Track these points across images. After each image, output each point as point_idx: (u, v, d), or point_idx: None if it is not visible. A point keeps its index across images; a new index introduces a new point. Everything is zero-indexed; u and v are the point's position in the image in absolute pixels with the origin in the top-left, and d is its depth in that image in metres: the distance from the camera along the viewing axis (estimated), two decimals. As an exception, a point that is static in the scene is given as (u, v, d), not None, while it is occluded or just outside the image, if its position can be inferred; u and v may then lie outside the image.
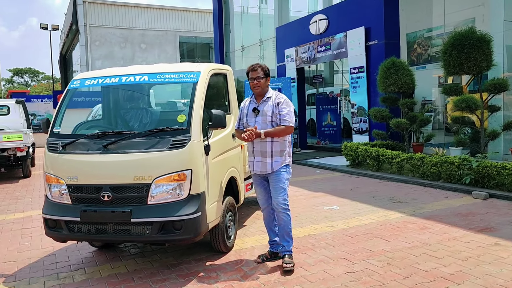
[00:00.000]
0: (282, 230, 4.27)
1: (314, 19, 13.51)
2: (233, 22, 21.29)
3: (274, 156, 4.14)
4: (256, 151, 4.16)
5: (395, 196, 7.26)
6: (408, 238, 4.99)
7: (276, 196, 4.18)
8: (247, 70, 4.25)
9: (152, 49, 32.82)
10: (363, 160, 9.78)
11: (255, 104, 4.22)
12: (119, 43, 31.85)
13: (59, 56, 46.39)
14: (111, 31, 31.62)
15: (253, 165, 4.22)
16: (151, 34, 32.84)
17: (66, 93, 4.59)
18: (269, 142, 4.11)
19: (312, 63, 14.05)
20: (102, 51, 31.37)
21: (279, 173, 4.17)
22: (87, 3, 31.00)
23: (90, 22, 30.94)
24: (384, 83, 9.65)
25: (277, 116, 4.10)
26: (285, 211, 4.20)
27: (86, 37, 30.83)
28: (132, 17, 32.39)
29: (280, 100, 4.16)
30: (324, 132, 14.98)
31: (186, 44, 35.48)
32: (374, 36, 11.29)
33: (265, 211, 4.42)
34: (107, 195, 3.91)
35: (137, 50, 32.43)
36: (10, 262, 4.79)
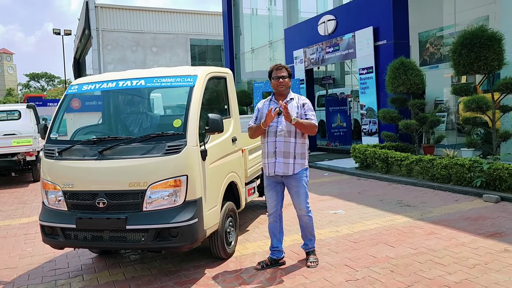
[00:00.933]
0: (305, 230, 4.40)
1: (322, 19, 13.37)
2: (242, 24, 21.25)
3: (296, 158, 4.12)
4: (278, 152, 4.08)
5: (403, 200, 7.09)
6: (413, 244, 4.84)
7: (300, 201, 4.24)
8: (271, 69, 4.22)
9: (163, 52, 32.99)
10: (371, 162, 9.60)
11: (276, 104, 4.13)
12: (131, 46, 32.08)
13: (73, 60, 46.98)
14: (123, 35, 31.87)
15: (274, 167, 4.11)
16: (163, 38, 33.02)
17: (64, 99, 4.56)
18: (293, 143, 4.08)
19: (321, 64, 13.91)
20: (114, 55, 31.63)
21: (301, 177, 4.18)
22: (99, 8, 31.31)
23: (102, 27, 31.24)
24: (393, 84, 9.47)
25: (302, 116, 4.09)
26: (307, 214, 4.31)
27: (98, 41, 31.12)
28: (144, 21, 32.61)
29: (305, 102, 4.20)
30: (333, 134, 14.80)
31: (198, 47, 35.61)
32: (383, 36, 11.11)
33: (272, 215, 4.35)
34: (102, 201, 3.86)
35: (149, 53, 32.62)
36: (10, 269, 4.78)
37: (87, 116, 5.16)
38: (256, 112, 4.32)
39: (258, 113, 4.28)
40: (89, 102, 5.58)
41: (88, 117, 5.13)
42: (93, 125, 4.79)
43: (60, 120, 4.49)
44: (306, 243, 4.47)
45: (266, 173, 4.23)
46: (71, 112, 13.84)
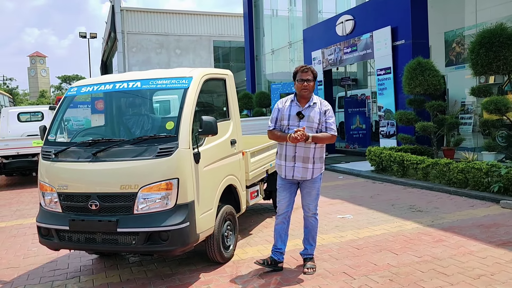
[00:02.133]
0: (308, 234, 4.32)
1: (340, 19, 13.16)
2: (263, 25, 21.19)
3: (315, 163, 4.07)
4: (298, 157, 4.02)
5: (416, 205, 6.85)
6: (418, 252, 4.64)
7: (311, 202, 4.23)
8: (296, 70, 4.11)
9: (187, 54, 33.32)
10: (387, 166, 9.35)
11: (299, 107, 4.06)
12: (155, 49, 32.53)
13: (101, 63, 48.07)
14: (147, 38, 32.36)
15: (293, 171, 4.06)
16: (186, 40, 33.35)
17: (63, 101, 4.60)
18: (312, 149, 4.03)
19: (339, 65, 13.69)
20: (138, 57, 32.15)
21: (317, 180, 4.17)
22: (125, 11, 31.90)
23: (128, 29, 31.81)
24: (409, 85, 9.19)
25: (323, 124, 4.03)
26: (315, 216, 4.28)
27: (123, 44, 31.71)
28: (167, 23, 33.02)
29: (327, 108, 4.11)
30: (352, 136, 14.54)
31: (221, 49, 35.82)
32: (401, 36, 10.81)
33: (281, 216, 4.25)
34: (95, 204, 3.86)
35: (172, 55, 33.00)
36: (13, 268, 4.85)
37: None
38: (275, 112, 4.17)
39: (278, 114, 4.14)
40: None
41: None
42: (93, 127, 4.81)
43: (59, 121, 4.52)
44: (306, 247, 4.36)
45: (282, 175, 4.16)
46: (96, 113, 14.03)
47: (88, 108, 28.38)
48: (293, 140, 3.86)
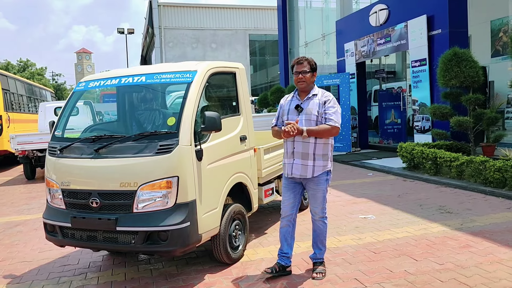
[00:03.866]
0: (317, 237, 4.07)
1: (374, 9, 12.61)
2: (297, 17, 20.79)
3: (317, 160, 3.79)
4: (296, 153, 3.79)
5: (446, 205, 6.40)
6: (441, 258, 4.28)
7: (316, 205, 3.94)
8: (292, 64, 3.95)
9: (222, 48, 33.37)
10: (419, 163, 8.86)
11: (298, 101, 3.86)
12: (191, 43, 32.78)
13: (140, 58, 49.11)
14: (183, 32, 32.65)
15: (291, 168, 3.84)
16: (222, 34, 33.38)
17: (71, 96, 4.56)
18: (312, 144, 3.76)
19: (372, 57, 13.14)
20: (175, 52, 32.51)
21: (321, 181, 3.85)
22: (162, 6, 32.31)
23: (164, 25, 32.21)
24: (444, 77, 8.62)
25: (323, 115, 3.76)
26: (322, 219, 4.01)
27: (160, 39, 32.15)
28: (203, 18, 33.16)
29: (328, 98, 3.82)
30: (387, 131, 13.97)
31: (257, 42, 35.61)
32: (437, 25, 10.19)
33: (285, 219, 4.00)
34: (96, 201, 3.78)
35: (208, 50, 33.14)
36: (26, 262, 4.90)
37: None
38: (279, 109, 4.02)
39: (280, 110, 3.98)
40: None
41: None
42: (101, 123, 4.75)
43: (67, 117, 4.49)
44: (315, 252, 4.12)
45: (285, 174, 3.96)
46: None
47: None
48: (284, 133, 3.63)
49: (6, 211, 7.74)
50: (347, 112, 13.34)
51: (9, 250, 5.41)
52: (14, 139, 10.93)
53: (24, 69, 61.57)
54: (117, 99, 4.91)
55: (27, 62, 62.90)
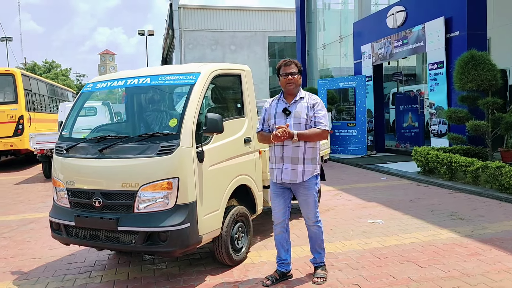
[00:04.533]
0: (314, 243, 4.02)
1: (391, 11, 12.45)
2: (315, 19, 20.68)
3: (306, 164, 3.73)
4: (286, 157, 3.71)
5: (458, 212, 6.26)
6: (447, 266, 4.18)
7: (308, 210, 3.87)
8: (279, 65, 3.87)
9: (241, 50, 33.40)
10: (434, 167, 8.69)
11: (285, 104, 3.78)
12: (210, 45, 32.92)
13: (161, 59, 49.65)
14: (203, 34, 32.82)
15: (280, 173, 3.75)
16: (241, 36, 33.41)
17: (79, 97, 4.64)
18: (302, 148, 3.70)
19: (389, 59, 12.98)
20: (194, 53, 32.70)
21: (310, 185, 3.79)
22: (182, 8, 32.57)
23: (184, 27, 32.46)
24: (461, 80, 8.43)
25: (312, 118, 3.71)
26: (317, 224, 3.94)
27: (180, 40, 32.40)
28: (223, 20, 33.30)
29: (316, 101, 3.77)
30: (404, 134, 13.75)
31: (276, 44, 35.55)
32: (455, 27, 9.98)
33: (278, 226, 3.95)
34: (98, 201, 3.84)
35: (227, 51, 33.22)
36: (35, 259, 5.00)
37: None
38: (263, 113, 3.92)
39: (266, 114, 3.88)
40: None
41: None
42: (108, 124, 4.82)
43: (75, 117, 4.56)
44: (315, 256, 4.08)
45: (273, 179, 3.87)
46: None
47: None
48: (274, 138, 3.55)
49: (22, 209, 7.92)
50: (363, 115, 13.21)
51: (20, 246, 5.53)
52: (33, 138, 11.19)
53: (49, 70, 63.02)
54: (125, 100, 4.97)
55: (52, 63, 64.37)
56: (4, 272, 4.59)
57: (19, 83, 14.20)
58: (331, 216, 6.30)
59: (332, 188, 8.55)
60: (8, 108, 14.01)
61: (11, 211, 7.70)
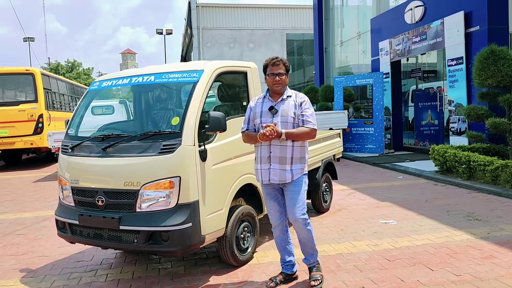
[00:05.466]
0: (304, 245, 3.81)
1: (409, 6, 12.16)
2: (333, 16, 20.43)
3: (294, 163, 3.61)
4: (273, 157, 3.59)
5: (475, 212, 6.05)
6: (459, 269, 4.02)
7: (295, 210, 3.64)
8: (266, 63, 3.71)
9: (259, 48, 33.31)
10: (452, 166, 8.44)
11: (271, 102, 3.65)
12: (228, 43, 32.95)
13: (180, 58, 49.99)
14: (221, 32, 32.88)
15: (268, 174, 3.62)
16: (259, 34, 33.34)
17: (85, 95, 4.64)
18: (290, 147, 3.57)
19: (407, 55, 12.68)
20: (213, 52, 32.78)
21: (299, 183, 3.66)
22: (200, 7, 32.69)
23: (202, 25, 32.57)
24: (480, 76, 8.16)
25: (300, 117, 3.59)
26: (305, 226, 3.70)
27: (199, 39, 32.53)
28: (241, 18, 33.28)
29: (303, 100, 3.66)
30: (423, 132, 13.44)
31: (295, 42, 35.35)
32: (475, 22, 9.68)
33: (277, 228, 3.84)
34: (101, 199, 3.82)
35: (245, 49, 33.18)
36: (44, 257, 5.04)
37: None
38: (248, 112, 3.77)
39: (251, 113, 3.72)
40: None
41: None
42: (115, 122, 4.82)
43: (81, 115, 4.57)
44: (307, 257, 3.89)
45: (259, 181, 3.74)
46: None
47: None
48: (262, 137, 3.42)
49: (37, 206, 8.04)
50: (380, 113, 12.97)
51: (32, 244, 5.60)
52: (51, 137, 11.37)
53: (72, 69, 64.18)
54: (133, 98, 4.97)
55: (74, 63, 65.52)
56: (13, 270, 4.63)
57: (39, 83, 14.45)
58: (343, 216, 6.17)
59: (346, 187, 8.40)
60: (28, 107, 14.28)
61: (27, 208, 7.83)
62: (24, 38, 39.27)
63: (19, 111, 14.01)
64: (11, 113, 13.81)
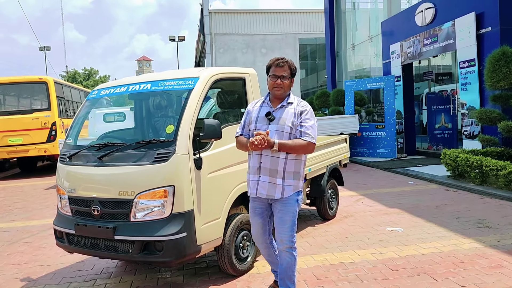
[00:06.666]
0: (283, 273, 3.39)
1: (420, 8, 11.97)
2: (344, 19, 20.28)
3: (286, 178, 3.23)
4: (263, 169, 3.23)
5: (486, 219, 5.86)
6: (465, 279, 3.87)
7: (282, 231, 3.29)
8: (269, 63, 3.38)
9: (272, 53, 33.25)
10: (464, 171, 8.22)
11: (270, 108, 3.31)
12: (241, 49, 33.02)
13: (194, 64, 50.31)
14: (234, 38, 32.98)
15: (256, 186, 3.28)
16: (272, 39, 33.34)
17: (85, 103, 4.64)
18: (282, 159, 3.20)
19: (419, 58, 12.47)
20: (226, 57, 32.89)
21: (290, 202, 3.28)
22: (213, 13, 32.87)
23: (215, 31, 32.73)
24: (492, 78, 7.96)
25: (298, 127, 3.21)
26: (290, 250, 3.33)
27: (211, 45, 32.69)
28: (253, 23, 33.35)
29: (305, 109, 3.27)
30: (436, 136, 13.19)
31: (308, 46, 35.23)
32: (487, 23, 9.46)
33: (261, 245, 3.54)
34: (97, 209, 3.80)
35: (258, 55, 33.20)
36: (46, 266, 5.04)
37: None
38: (245, 116, 3.45)
39: (247, 117, 3.41)
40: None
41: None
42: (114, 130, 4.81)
43: (80, 125, 4.57)
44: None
45: (248, 193, 3.43)
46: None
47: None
48: (251, 145, 3.05)
49: (46, 214, 8.09)
50: (392, 117, 12.78)
51: (35, 252, 5.61)
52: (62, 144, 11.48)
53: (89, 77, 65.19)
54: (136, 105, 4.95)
55: (91, 71, 66.56)
56: (14, 279, 4.64)
57: (52, 91, 14.65)
58: (349, 223, 6.05)
59: (354, 193, 8.25)
60: (42, 115, 14.49)
61: (36, 216, 7.89)
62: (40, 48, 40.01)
63: (33, 119, 14.22)
64: (25, 121, 14.03)
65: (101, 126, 15.53)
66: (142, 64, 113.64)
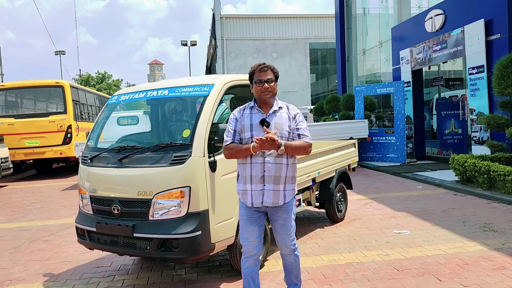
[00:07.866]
0: (290, 274, 3.52)
1: (429, 15, 12.10)
2: (355, 25, 20.44)
3: (287, 183, 3.29)
4: (267, 177, 3.21)
5: (492, 223, 5.98)
6: (468, 280, 4.02)
7: (286, 237, 3.36)
8: (252, 70, 3.37)
9: (283, 58, 33.56)
10: (472, 176, 8.33)
11: (262, 114, 3.30)
12: (252, 53, 33.32)
13: (205, 68, 50.79)
14: (245, 43, 33.32)
15: (261, 196, 3.24)
16: (282, 43, 33.61)
17: (105, 108, 4.89)
18: (285, 165, 3.25)
19: (428, 64, 12.58)
20: (236, 62, 33.23)
21: (290, 207, 3.36)
22: (224, 18, 33.25)
23: (227, 36, 33.10)
24: (500, 85, 8.07)
25: (294, 131, 3.29)
26: (294, 252, 3.43)
27: (223, 50, 33.05)
28: (264, 28, 33.64)
29: (297, 112, 3.37)
30: (446, 141, 13.26)
31: (318, 51, 35.42)
32: (496, 30, 9.57)
33: (251, 258, 3.37)
34: (117, 208, 4.02)
35: (269, 59, 33.42)
36: (66, 262, 5.29)
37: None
38: (233, 123, 3.35)
39: (237, 125, 3.32)
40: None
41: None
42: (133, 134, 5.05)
43: (101, 128, 4.81)
44: None
45: (248, 203, 3.30)
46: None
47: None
48: (262, 144, 3.04)
49: (64, 214, 8.37)
50: (402, 122, 12.89)
51: (56, 250, 5.87)
52: (78, 147, 11.81)
53: (102, 80, 66.01)
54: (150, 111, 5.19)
55: (104, 74, 67.42)
56: (37, 274, 4.89)
57: (68, 95, 15.03)
58: (357, 226, 6.21)
59: (363, 196, 8.40)
60: (58, 118, 14.86)
61: (54, 216, 8.17)
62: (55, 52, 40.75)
63: (49, 122, 14.60)
64: (41, 124, 14.41)
65: (115, 129, 15.94)
66: (154, 68, 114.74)
